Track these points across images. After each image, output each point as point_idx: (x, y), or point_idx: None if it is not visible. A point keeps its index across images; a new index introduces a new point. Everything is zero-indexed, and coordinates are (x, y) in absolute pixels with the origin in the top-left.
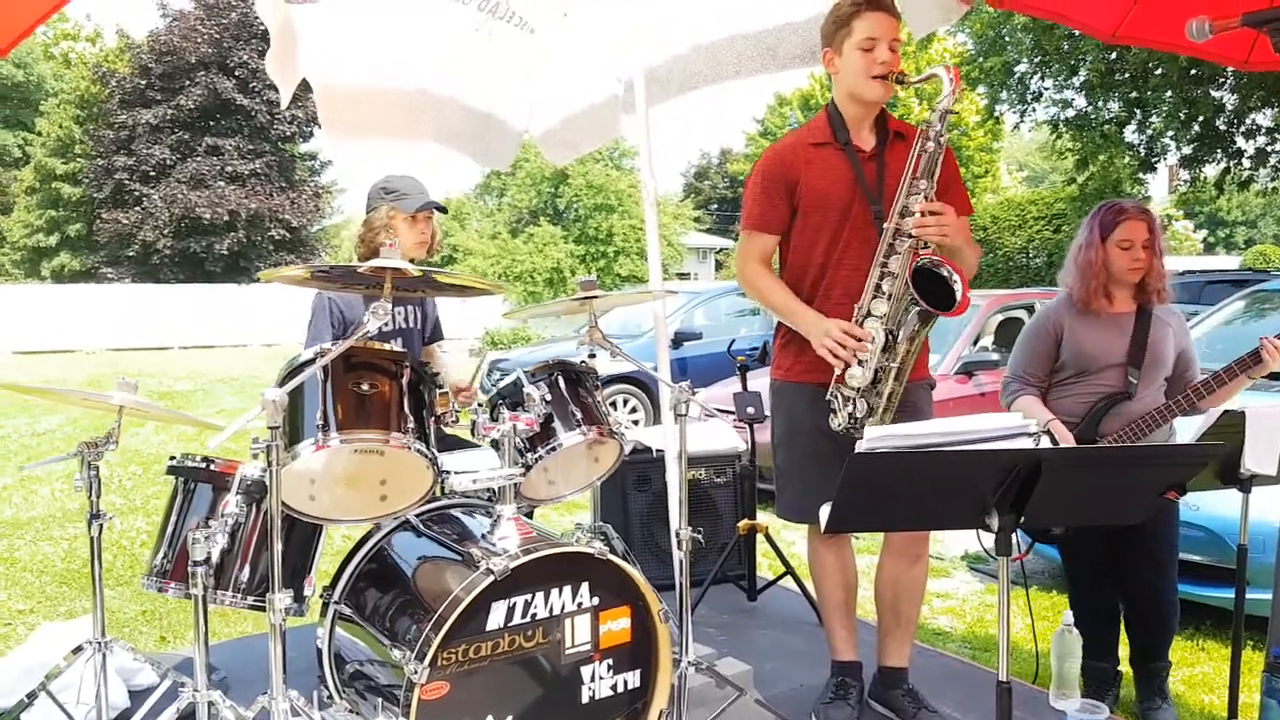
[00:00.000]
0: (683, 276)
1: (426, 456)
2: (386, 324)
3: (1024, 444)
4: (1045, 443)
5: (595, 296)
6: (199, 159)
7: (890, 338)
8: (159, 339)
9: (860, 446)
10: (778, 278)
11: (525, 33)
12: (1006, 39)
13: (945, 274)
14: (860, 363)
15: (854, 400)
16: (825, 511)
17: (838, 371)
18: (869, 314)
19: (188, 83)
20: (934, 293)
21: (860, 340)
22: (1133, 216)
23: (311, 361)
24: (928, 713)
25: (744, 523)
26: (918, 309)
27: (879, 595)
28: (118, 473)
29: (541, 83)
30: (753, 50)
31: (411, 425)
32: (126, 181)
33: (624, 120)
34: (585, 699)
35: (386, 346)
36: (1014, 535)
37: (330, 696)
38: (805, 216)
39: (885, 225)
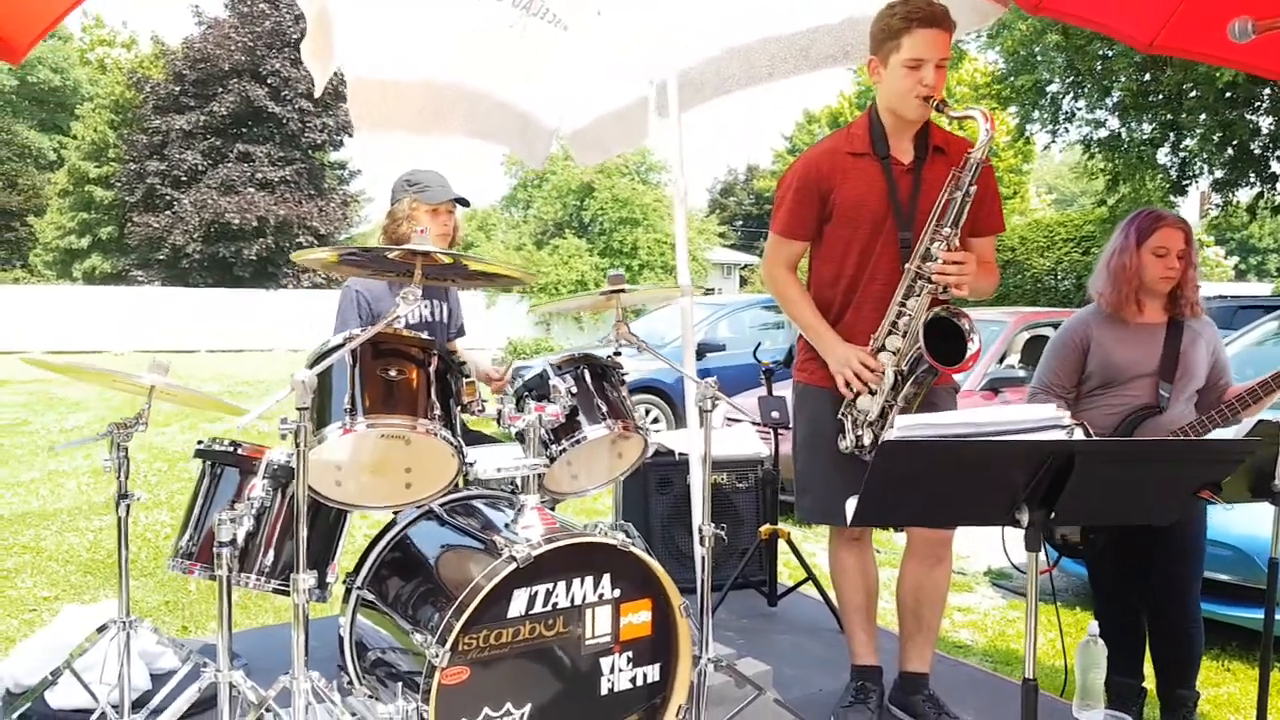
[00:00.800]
0: (707, 292)
1: (452, 444)
2: (412, 316)
3: (1057, 436)
4: (1079, 435)
5: (622, 291)
6: (230, 165)
7: (899, 378)
8: (187, 342)
9: (890, 435)
10: (804, 290)
11: (559, 30)
12: (1039, 57)
13: (963, 327)
14: (872, 393)
15: (862, 428)
16: (851, 505)
17: (845, 393)
18: (883, 347)
19: (220, 89)
20: (946, 341)
21: (874, 372)
22: (1171, 224)
23: (341, 346)
24: (948, 718)
25: (766, 528)
26: (925, 364)
27: (900, 600)
28: (143, 469)
29: (573, 81)
30: (786, 52)
31: (438, 412)
32: (158, 186)
33: (655, 123)
34: (604, 690)
35: (415, 334)
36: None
37: (351, 683)
38: (837, 227)
39: (907, 265)
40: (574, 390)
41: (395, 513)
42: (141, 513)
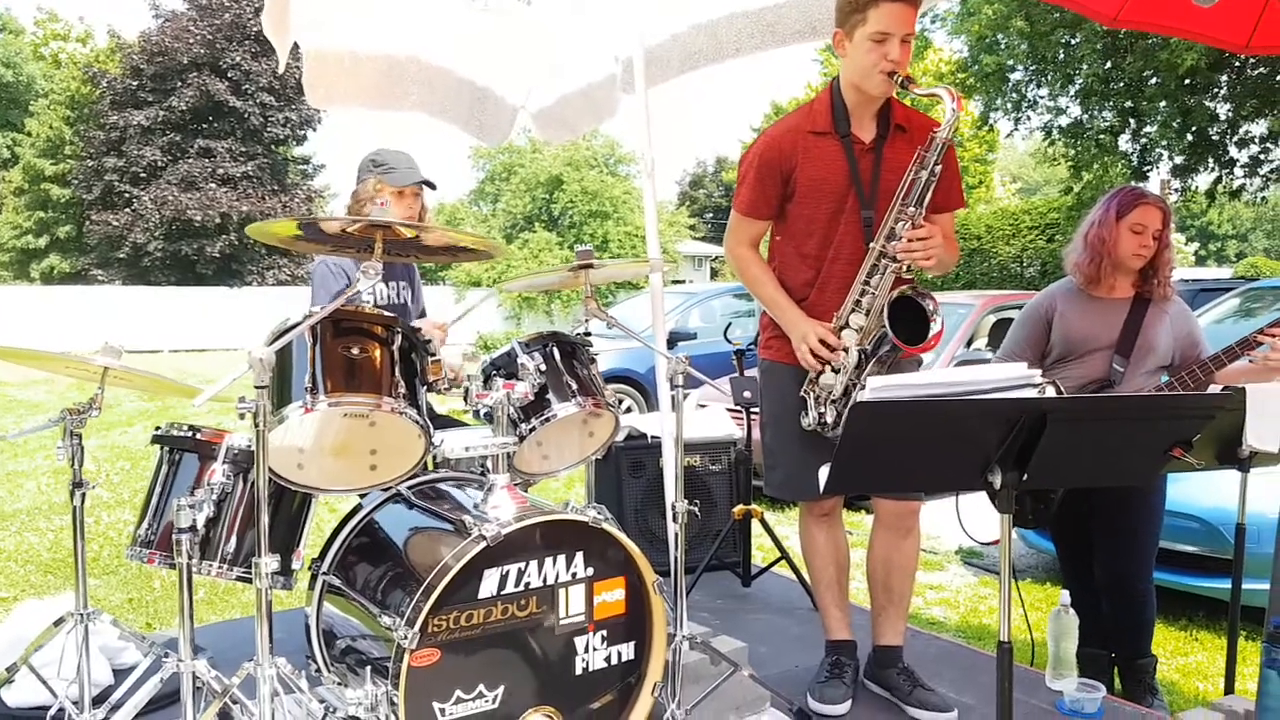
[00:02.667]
0: (677, 283)
1: (418, 423)
2: (377, 298)
3: (1029, 395)
4: (1050, 394)
5: (591, 265)
6: (190, 161)
7: (863, 356)
8: (149, 342)
9: (862, 396)
10: (766, 266)
11: (522, 5)
12: (1003, 45)
13: (926, 307)
14: (835, 370)
15: (825, 405)
16: (824, 472)
17: (808, 368)
18: (846, 325)
19: (180, 84)
20: (910, 320)
21: (834, 350)
22: (1150, 203)
23: (301, 323)
24: (923, 690)
25: (739, 507)
26: (889, 344)
27: (871, 573)
28: (105, 468)
29: (538, 59)
30: (752, 27)
31: (403, 391)
32: (117, 183)
33: (621, 100)
34: (579, 670)
35: (378, 310)
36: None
37: (319, 671)
38: (799, 206)
39: (871, 244)
40: (543, 368)
41: (361, 497)
42: (104, 511)
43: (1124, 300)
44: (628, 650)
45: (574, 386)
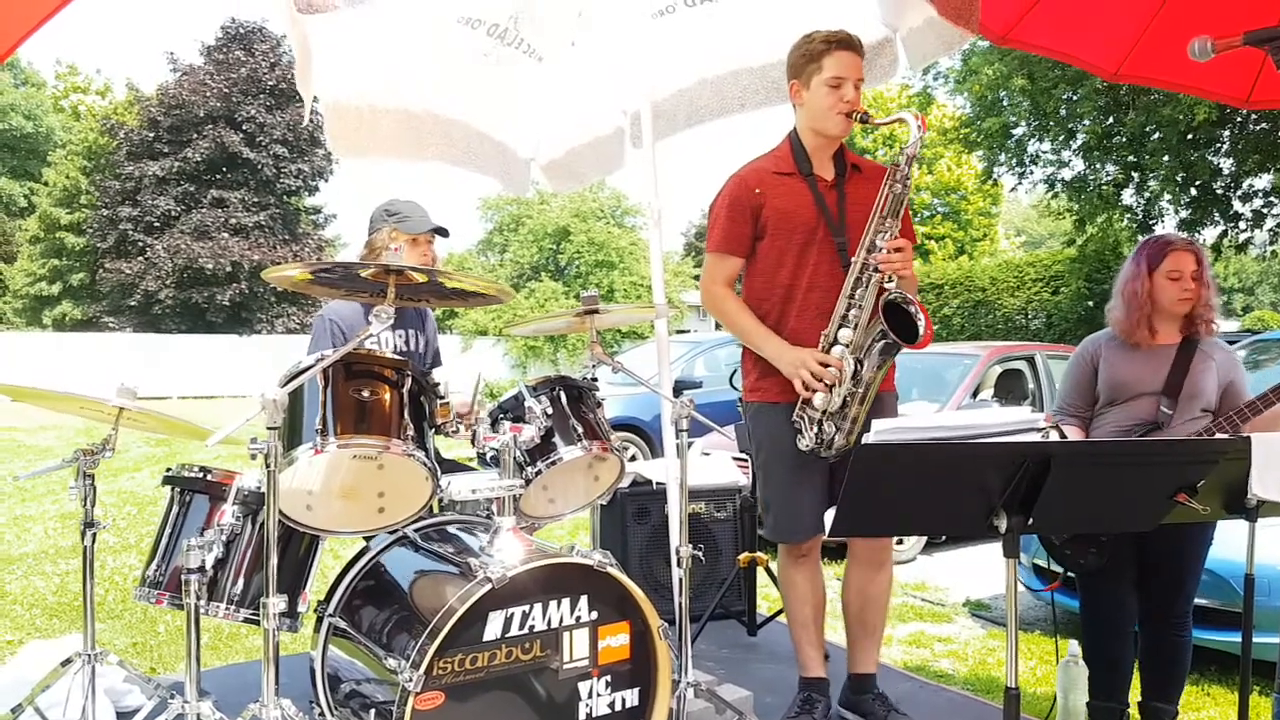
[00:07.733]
0: (682, 333)
1: (426, 465)
2: (387, 347)
3: (1032, 439)
4: (1054, 438)
5: (597, 310)
6: (204, 211)
7: (859, 365)
8: (159, 389)
9: (867, 439)
10: (741, 301)
11: (533, 60)
12: (1005, 102)
13: (911, 310)
14: (829, 388)
15: (820, 422)
16: (830, 516)
17: (804, 394)
18: (835, 341)
19: (195, 136)
20: (898, 325)
21: (830, 368)
22: (1180, 248)
23: (313, 366)
24: (898, 714)
25: (744, 555)
26: (885, 341)
27: (846, 606)
28: (113, 513)
29: (548, 112)
30: (757, 84)
31: (411, 433)
32: (131, 232)
33: (629, 153)
34: (582, 716)
35: (388, 354)
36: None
37: (322, 715)
38: (770, 239)
39: (852, 259)
40: (550, 411)
41: (367, 539)
42: (110, 556)
43: (1170, 346)
44: (632, 696)
45: (580, 430)
